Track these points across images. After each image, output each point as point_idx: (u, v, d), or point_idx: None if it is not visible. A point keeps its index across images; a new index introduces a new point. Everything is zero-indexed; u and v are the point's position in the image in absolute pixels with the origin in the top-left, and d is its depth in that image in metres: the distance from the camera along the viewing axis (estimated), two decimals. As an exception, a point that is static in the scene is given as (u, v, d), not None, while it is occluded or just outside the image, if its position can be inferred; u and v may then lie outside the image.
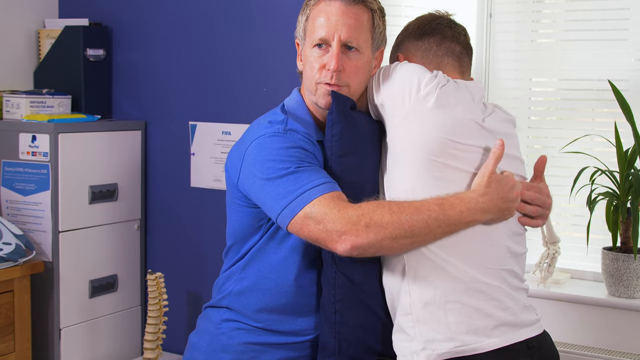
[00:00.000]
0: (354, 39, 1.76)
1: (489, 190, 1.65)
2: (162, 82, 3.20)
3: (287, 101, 1.88)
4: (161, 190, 3.23)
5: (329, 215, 1.59)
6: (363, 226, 1.57)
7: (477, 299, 1.67)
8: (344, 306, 1.74)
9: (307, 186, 1.63)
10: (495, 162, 1.68)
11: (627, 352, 2.50)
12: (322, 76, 1.77)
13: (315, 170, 1.68)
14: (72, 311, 2.97)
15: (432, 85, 1.73)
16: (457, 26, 1.92)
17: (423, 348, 1.67)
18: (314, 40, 1.77)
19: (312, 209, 1.60)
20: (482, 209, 1.64)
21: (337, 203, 1.60)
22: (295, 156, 1.69)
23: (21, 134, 2.92)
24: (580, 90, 2.78)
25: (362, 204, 1.61)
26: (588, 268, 2.76)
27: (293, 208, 1.63)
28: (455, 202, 1.62)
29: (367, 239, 1.57)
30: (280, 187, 1.65)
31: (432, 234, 1.61)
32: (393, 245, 1.60)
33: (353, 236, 1.57)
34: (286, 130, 1.76)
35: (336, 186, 1.67)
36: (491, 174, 1.66)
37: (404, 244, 1.61)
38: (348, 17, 1.76)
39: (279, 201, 1.65)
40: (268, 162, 1.69)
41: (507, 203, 1.68)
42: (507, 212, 1.69)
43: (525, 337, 1.69)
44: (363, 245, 1.58)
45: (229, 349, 1.84)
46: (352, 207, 1.60)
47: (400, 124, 1.73)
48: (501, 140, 1.69)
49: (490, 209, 1.65)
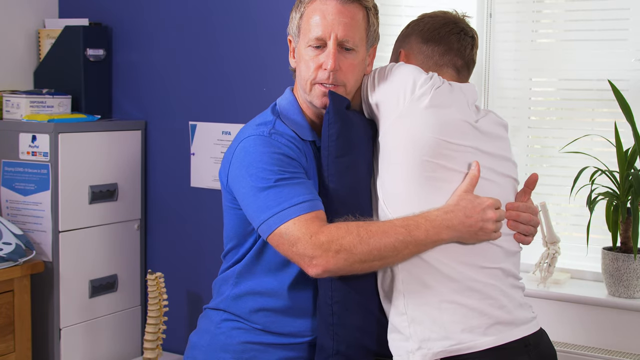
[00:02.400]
0: (350, 38, 1.76)
1: (456, 208, 1.65)
2: (162, 82, 3.20)
3: (280, 101, 1.88)
4: (161, 190, 3.24)
5: (301, 241, 1.63)
6: (333, 252, 1.61)
7: (472, 298, 1.67)
8: (341, 308, 1.74)
9: (284, 204, 1.66)
10: (469, 183, 1.69)
11: (627, 352, 2.50)
12: (319, 76, 1.77)
13: (297, 185, 1.69)
14: (72, 311, 2.97)
15: (427, 87, 1.73)
16: (466, 37, 1.89)
17: (419, 347, 1.67)
18: (310, 40, 1.77)
19: (287, 230, 1.64)
20: (446, 226, 1.64)
21: (310, 227, 1.63)
22: (277, 165, 1.70)
23: (21, 134, 2.92)
24: (580, 90, 2.77)
25: (333, 229, 1.64)
26: (588, 268, 2.76)
27: (270, 225, 1.67)
28: (421, 222, 1.64)
29: (336, 264, 1.62)
30: (260, 201, 1.68)
31: (401, 255, 1.65)
32: (363, 267, 1.65)
33: (324, 261, 1.62)
34: (271, 133, 1.76)
35: (315, 204, 1.68)
36: (463, 193, 1.67)
37: (373, 265, 1.66)
38: (344, 15, 1.75)
39: (258, 215, 1.69)
40: (251, 168, 1.71)
41: (478, 223, 1.66)
42: (481, 233, 1.67)
43: (521, 335, 1.70)
44: (334, 270, 1.63)
45: (228, 349, 1.84)
46: (323, 232, 1.63)
47: (394, 124, 1.73)
48: (477, 162, 1.70)
49: (455, 226, 1.64)
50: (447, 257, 1.68)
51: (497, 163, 1.77)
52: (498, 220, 1.70)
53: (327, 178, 1.75)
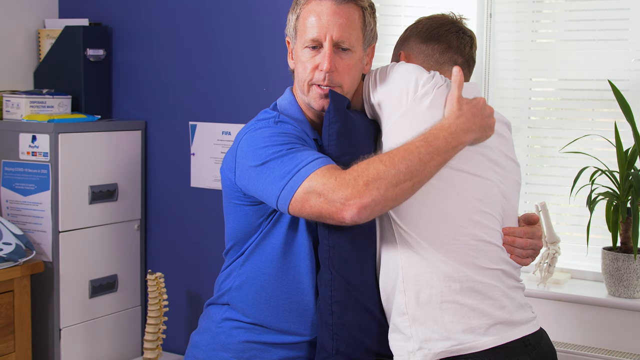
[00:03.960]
0: (346, 39, 1.76)
1: (462, 112, 1.69)
2: (162, 82, 3.20)
3: (280, 101, 1.89)
4: (161, 190, 3.24)
5: (328, 185, 1.60)
6: (363, 185, 1.58)
7: (473, 298, 1.67)
8: (341, 307, 1.74)
9: (301, 164, 1.64)
10: (458, 87, 1.72)
11: (627, 352, 2.50)
12: (315, 77, 1.77)
13: (307, 149, 1.70)
14: (72, 311, 2.97)
15: (429, 86, 1.73)
16: (465, 36, 1.91)
17: (419, 348, 1.67)
18: (306, 41, 1.77)
19: (310, 183, 1.61)
20: (462, 129, 1.68)
21: (332, 173, 1.62)
22: (285, 140, 1.71)
23: (21, 134, 2.92)
24: (580, 90, 2.77)
25: (354, 166, 1.63)
26: (588, 268, 2.76)
27: (291, 187, 1.63)
28: (437, 133, 1.66)
29: (370, 196, 1.58)
30: (275, 171, 1.66)
31: (428, 168, 1.64)
32: (397, 193, 1.60)
33: (357, 198, 1.57)
34: (277, 121, 1.78)
35: (329, 160, 1.68)
36: (458, 98, 1.71)
37: (405, 187, 1.61)
38: (339, 16, 1.75)
39: (276, 184, 1.66)
40: (259, 149, 1.70)
41: (484, 119, 1.73)
42: (488, 128, 1.74)
43: (521, 334, 1.70)
44: (369, 204, 1.58)
45: (229, 348, 1.85)
46: (346, 172, 1.62)
47: (396, 124, 1.73)
48: (458, 67, 1.73)
49: (470, 127, 1.69)
50: (449, 257, 1.68)
51: (500, 163, 1.77)
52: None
53: None
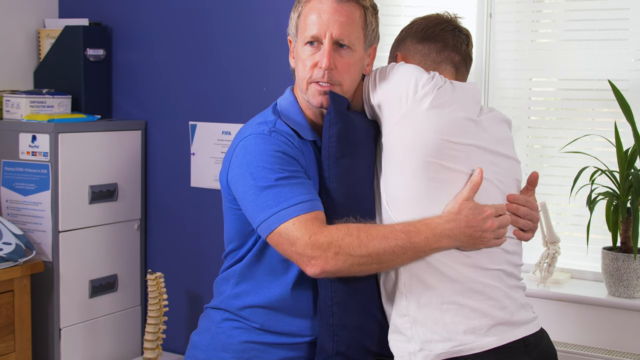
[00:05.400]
0: (346, 37, 1.76)
1: (458, 217, 1.65)
2: (162, 82, 3.20)
3: (280, 100, 1.89)
4: (161, 190, 3.24)
5: (300, 241, 1.63)
6: (332, 254, 1.61)
7: (474, 299, 1.67)
8: (341, 308, 1.74)
9: (284, 204, 1.66)
10: (471, 190, 1.68)
11: (627, 352, 2.50)
12: (314, 74, 1.77)
13: (296, 185, 1.69)
14: (72, 311, 2.97)
15: (430, 87, 1.73)
16: (461, 34, 1.91)
17: (420, 349, 1.67)
18: (306, 38, 1.77)
19: (287, 229, 1.65)
20: (447, 235, 1.64)
21: (309, 227, 1.64)
22: (277, 164, 1.71)
23: (21, 134, 2.92)
24: (580, 90, 2.77)
25: (333, 230, 1.64)
26: (588, 268, 2.76)
27: (269, 224, 1.67)
28: (422, 229, 1.64)
29: (335, 265, 1.62)
30: (260, 200, 1.69)
31: (399, 259, 1.65)
32: (361, 270, 1.65)
33: (322, 262, 1.62)
34: (271, 131, 1.77)
35: (314, 204, 1.68)
36: (464, 201, 1.67)
37: (371, 269, 1.66)
38: (340, 14, 1.75)
39: (258, 214, 1.69)
40: (251, 167, 1.72)
41: (477, 232, 1.66)
42: (479, 242, 1.67)
43: (522, 335, 1.70)
44: (332, 271, 1.63)
45: (229, 348, 1.84)
46: (323, 232, 1.63)
47: (397, 125, 1.73)
48: (480, 169, 1.69)
49: (456, 236, 1.65)
50: (449, 258, 1.68)
51: (500, 161, 1.77)
52: (499, 227, 1.70)
53: (328, 179, 1.75)
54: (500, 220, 1.70)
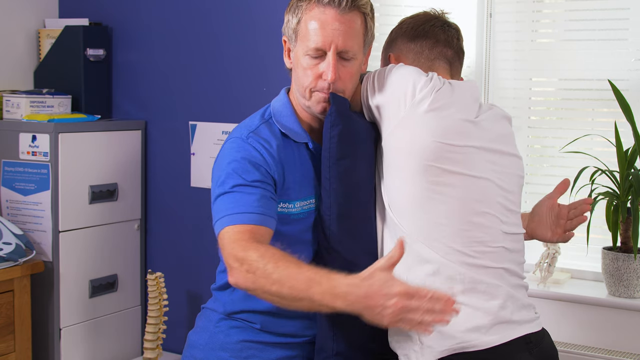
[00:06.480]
0: (350, 48, 1.75)
1: (361, 284, 1.47)
2: (162, 82, 3.20)
3: (273, 103, 1.88)
4: (161, 190, 3.23)
5: (226, 249, 1.65)
6: (244, 271, 1.60)
7: (477, 298, 1.67)
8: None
9: (227, 211, 1.69)
10: (387, 261, 1.48)
11: (627, 352, 2.50)
12: (318, 85, 1.77)
13: (248, 194, 1.69)
14: (72, 311, 2.97)
15: (427, 90, 1.72)
16: (450, 29, 1.91)
17: (422, 346, 1.67)
18: (309, 49, 1.75)
19: (222, 236, 1.68)
20: (342, 297, 1.48)
21: (237, 239, 1.64)
22: (239, 171, 1.72)
23: (21, 134, 2.92)
24: (580, 90, 2.77)
25: (252, 248, 1.60)
26: (588, 268, 2.76)
27: (216, 228, 1.71)
28: (324, 281, 1.51)
29: (245, 283, 1.60)
30: (216, 204, 1.73)
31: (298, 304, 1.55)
32: (266, 298, 1.60)
33: (237, 274, 1.61)
34: (248, 136, 1.78)
35: (253, 217, 1.67)
36: (375, 270, 1.48)
37: (274, 300, 1.58)
38: (343, 24, 1.74)
39: (214, 213, 1.74)
40: (220, 171, 1.76)
41: (377, 307, 1.46)
42: (378, 316, 1.47)
43: (523, 332, 1.70)
44: (243, 287, 1.62)
45: (227, 347, 1.85)
46: (244, 247, 1.62)
47: (396, 129, 1.73)
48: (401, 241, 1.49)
49: (350, 301, 1.48)
50: (450, 259, 1.68)
51: (500, 159, 1.77)
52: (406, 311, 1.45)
53: (329, 180, 1.75)
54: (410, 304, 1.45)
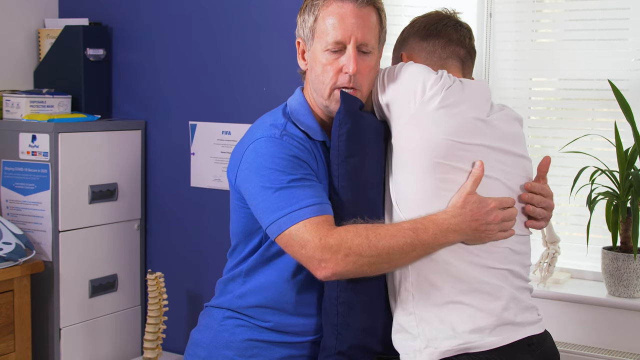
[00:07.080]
0: (368, 41, 1.77)
1: (463, 212, 1.66)
2: (162, 82, 3.20)
3: (290, 101, 1.88)
4: (161, 190, 3.24)
5: (311, 243, 1.63)
6: (343, 255, 1.62)
7: (480, 299, 1.68)
8: (346, 308, 1.74)
9: (295, 206, 1.66)
10: (473, 184, 1.68)
11: (627, 352, 2.50)
12: (339, 80, 1.77)
13: (308, 187, 1.69)
14: (72, 311, 2.97)
15: (438, 87, 1.72)
16: (462, 28, 1.91)
17: (426, 346, 1.68)
18: (328, 44, 1.76)
19: (297, 232, 1.65)
20: (454, 230, 1.65)
21: (319, 230, 1.64)
22: (289, 167, 1.71)
23: (21, 134, 2.92)
24: (580, 90, 2.78)
25: (342, 232, 1.64)
26: (588, 268, 2.76)
27: (280, 225, 1.67)
28: (429, 225, 1.65)
29: (345, 267, 1.63)
30: (271, 201, 1.69)
31: (409, 257, 1.66)
32: (371, 270, 1.66)
33: (332, 264, 1.62)
34: (282, 135, 1.76)
35: (324, 207, 1.69)
36: (467, 195, 1.67)
37: (381, 268, 1.67)
38: (361, 18, 1.76)
39: (268, 215, 1.69)
40: (263, 169, 1.71)
41: (483, 226, 1.68)
42: (484, 235, 1.69)
43: (525, 334, 1.71)
44: (342, 273, 1.64)
45: (231, 346, 1.84)
46: (332, 234, 1.63)
47: (406, 127, 1.73)
48: (481, 162, 1.69)
49: (463, 230, 1.66)
50: (456, 258, 1.68)
51: (509, 159, 1.77)
52: (504, 220, 1.70)
53: (337, 178, 1.75)
54: (505, 213, 1.71)
